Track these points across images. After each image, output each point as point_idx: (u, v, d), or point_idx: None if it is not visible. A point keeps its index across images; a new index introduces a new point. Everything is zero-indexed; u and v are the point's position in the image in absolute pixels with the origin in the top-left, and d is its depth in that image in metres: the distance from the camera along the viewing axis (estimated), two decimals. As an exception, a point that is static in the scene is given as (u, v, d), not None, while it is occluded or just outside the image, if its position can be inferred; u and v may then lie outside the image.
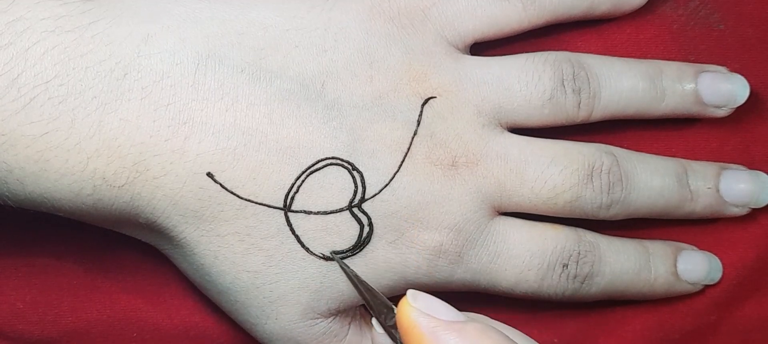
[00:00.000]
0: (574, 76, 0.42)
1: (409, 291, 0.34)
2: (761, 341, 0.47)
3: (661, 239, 0.46)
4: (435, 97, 0.41)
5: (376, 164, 0.40)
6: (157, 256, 0.43)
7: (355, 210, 0.40)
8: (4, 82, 0.36)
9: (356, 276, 0.39)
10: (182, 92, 0.38)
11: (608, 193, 0.42)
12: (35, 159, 0.36)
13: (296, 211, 0.39)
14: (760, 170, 0.45)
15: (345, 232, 0.40)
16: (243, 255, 0.39)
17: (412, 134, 0.40)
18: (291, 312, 0.41)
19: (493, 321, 0.37)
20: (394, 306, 0.35)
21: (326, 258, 0.40)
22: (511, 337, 0.33)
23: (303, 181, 0.39)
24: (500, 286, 0.43)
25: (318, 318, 0.41)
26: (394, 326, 0.34)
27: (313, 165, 0.39)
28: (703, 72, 0.44)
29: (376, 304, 0.36)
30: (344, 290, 0.41)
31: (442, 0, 0.42)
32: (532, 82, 0.42)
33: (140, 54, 0.37)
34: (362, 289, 0.38)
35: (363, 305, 0.42)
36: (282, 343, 0.42)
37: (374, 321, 0.36)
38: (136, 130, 0.37)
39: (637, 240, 0.45)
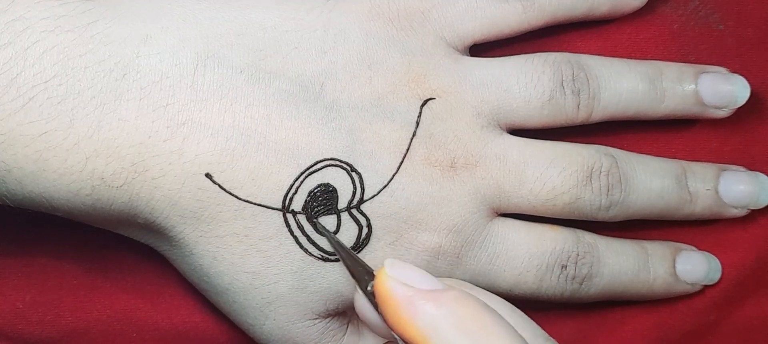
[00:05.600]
0: (573, 77, 0.42)
1: (388, 260, 0.33)
2: (761, 341, 0.47)
3: (660, 240, 0.46)
4: (434, 99, 0.41)
5: (375, 165, 0.40)
6: (156, 256, 0.43)
7: (354, 211, 0.40)
8: (3, 81, 0.36)
9: (338, 241, 0.39)
10: (181, 93, 0.38)
11: (607, 195, 0.42)
12: (34, 159, 0.36)
13: (295, 212, 0.39)
14: (760, 171, 0.45)
15: (344, 234, 0.40)
16: (241, 256, 0.39)
17: (411, 135, 0.40)
18: (289, 313, 0.41)
19: (473, 287, 0.37)
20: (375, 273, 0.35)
21: (324, 260, 0.40)
22: (490, 304, 0.33)
23: (302, 182, 0.39)
24: (499, 287, 0.42)
25: (316, 319, 0.41)
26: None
27: (312, 166, 0.39)
28: (703, 73, 0.44)
29: (357, 271, 0.36)
30: (343, 291, 0.41)
31: (442, 2, 0.41)
32: (532, 83, 0.42)
33: (139, 54, 0.37)
34: (344, 255, 0.38)
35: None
36: (280, 344, 0.42)
37: (356, 287, 0.36)
38: (134, 131, 0.37)
39: (635, 241, 0.45)
